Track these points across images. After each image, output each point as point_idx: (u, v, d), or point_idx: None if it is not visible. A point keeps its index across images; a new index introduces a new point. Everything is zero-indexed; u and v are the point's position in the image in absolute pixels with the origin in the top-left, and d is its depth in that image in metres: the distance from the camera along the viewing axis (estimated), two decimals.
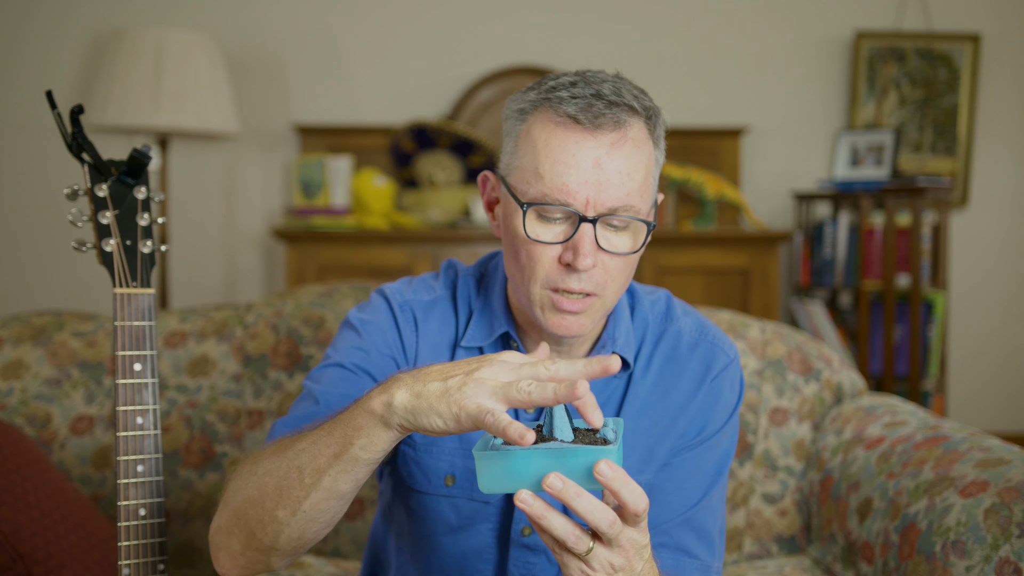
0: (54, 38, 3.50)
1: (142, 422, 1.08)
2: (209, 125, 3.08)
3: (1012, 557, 1.17)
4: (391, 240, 3.17)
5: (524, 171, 1.01)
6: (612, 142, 0.99)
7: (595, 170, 0.98)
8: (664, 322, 1.18)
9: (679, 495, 1.12)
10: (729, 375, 1.17)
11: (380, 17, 3.61)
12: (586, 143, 0.98)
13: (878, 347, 3.37)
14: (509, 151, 1.05)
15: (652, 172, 1.04)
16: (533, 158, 1.00)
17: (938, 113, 3.70)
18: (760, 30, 3.70)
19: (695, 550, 1.11)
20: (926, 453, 1.44)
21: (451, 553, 1.15)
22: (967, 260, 3.78)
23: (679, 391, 1.14)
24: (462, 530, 1.14)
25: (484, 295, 1.17)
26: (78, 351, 1.70)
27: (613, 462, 0.77)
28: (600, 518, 0.77)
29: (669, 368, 1.15)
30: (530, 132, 1.02)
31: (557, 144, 0.99)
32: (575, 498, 0.76)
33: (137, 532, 1.07)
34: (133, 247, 1.10)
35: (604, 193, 0.98)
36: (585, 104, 0.98)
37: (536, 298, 1.03)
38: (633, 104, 1.00)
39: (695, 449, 1.13)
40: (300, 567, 1.62)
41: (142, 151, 1.09)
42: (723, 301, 3.18)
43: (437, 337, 1.15)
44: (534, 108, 1.02)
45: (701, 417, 1.14)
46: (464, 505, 1.14)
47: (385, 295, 1.17)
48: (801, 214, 3.53)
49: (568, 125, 0.99)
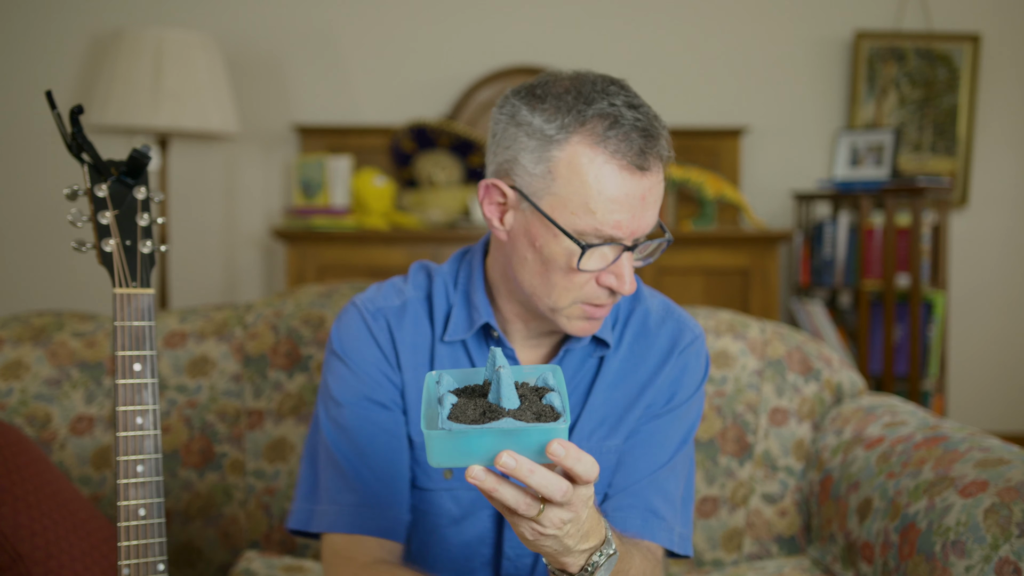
0: (54, 38, 3.50)
1: (142, 422, 1.08)
2: (209, 125, 3.07)
3: (1012, 557, 1.17)
4: (391, 240, 3.17)
5: (568, 202, 1.04)
6: (654, 182, 1.06)
7: (641, 206, 1.05)
8: (632, 300, 1.25)
9: (647, 459, 1.18)
10: (695, 350, 1.23)
11: (380, 17, 3.61)
12: (638, 184, 1.05)
13: (878, 347, 3.37)
14: (538, 173, 1.06)
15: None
16: (582, 193, 1.04)
17: (938, 113, 3.70)
18: (760, 30, 3.70)
19: (662, 511, 1.16)
20: (926, 453, 1.44)
21: (455, 543, 1.19)
22: (967, 260, 3.78)
23: (647, 364, 1.21)
24: (464, 519, 1.19)
25: (462, 290, 1.20)
26: (78, 351, 1.70)
27: (564, 440, 0.78)
28: (554, 491, 0.79)
29: (639, 343, 1.22)
30: (573, 163, 1.04)
31: (612, 185, 1.04)
32: (529, 475, 0.78)
33: (137, 532, 1.07)
34: (133, 247, 1.10)
35: (644, 222, 1.06)
36: (638, 149, 1.04)
37: (565, 310, 1.10)
38: (662, 133, 1.07)
39: (664, 417, 1.20)
40: (300, 570, 1.62)
41: (142, 151, 1.09)
42: (723, 301, 3.18)
43: (413, 338, 1.20)
44: (570, 135, 1.04)
45: (669, 387, 1.21)
46: (464, 495, 1.18)
47: (357, 306, 1.21)
48: (801, 214, 3.53)
49: (623, 166, 1.04)
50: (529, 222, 1.08)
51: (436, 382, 0.86)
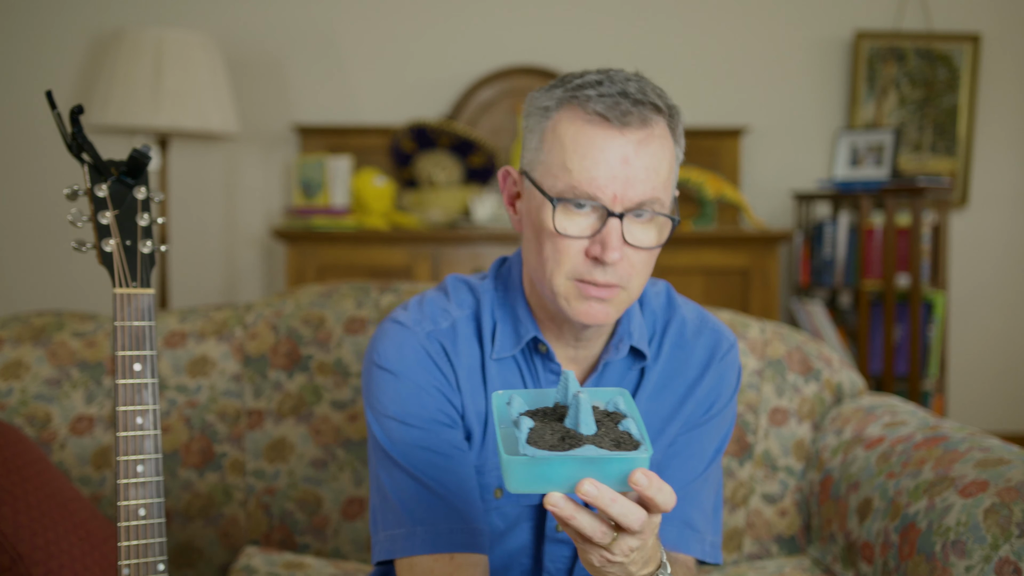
0: (54, 38, 3.50)
1: (142, 422, 1.08)
2: (209, 125, 3.07)
3: (1012, 557, 1.17)
4: (391, 240, 3.17)
5: (550, 166, 1.04)
6: (639, 140, 1.02)
7: (623, 167, 1.01)
8: (668, 311, 1.23)
9: (684, 470, 1.17)
10: (731, 358, 1.22)
11: (380, 17, 3.61)
12: (614, 140, 1.01)
13: (878, 347, 3.37)
14: (533, 147, 1.07)
15: (674, 169, 1.08)
16: (560, 153, 1.03)
17: (938, 113, 3.70)
18: (760, 30, 3.70)
19: (698, 523, 1.15)
20: (926, 453, 1.44)
21: (497, 553, 1.19)
22: (967, 260, 3.78)
23: (686, 374, 1.19)
24: (508, 532, 1.18)
25: (508, 303, 1.18)
26: (78, 351, 1.70)
27: (647, 470, 0.78)
28: (632, 520, 0.79)
29: (677, 354, 1.20)
30: (556, 128, 1.04)
31: (586, 140, 1.02)
32: (610, 504, 0.77)
33: (137, 532, 1.07)
34: (133, 247, 1.10)
35: (632, 189, 1.02)
36: (612, 102, 1.01)
37: (561, 289, 1.06)
38: (657, 102, 1.04)
39: (702, 427, 1.19)
40: (300, 567, 1.62)
41: (142, 151, 1.09)
42: (723, 301, 3.18)
43: (468, 360, 1.16)
44: (560, 105, 1.05)
45: (709, 397, 1.19)
46: (510, 511, 1.17)
47: (407, 327, 1.16)
48: (801, 214, 3.53)
49: (596, 122, 1.02)
50: (529, 199, 1.08)
51: (507, 403, 0.85)
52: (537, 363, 1.16)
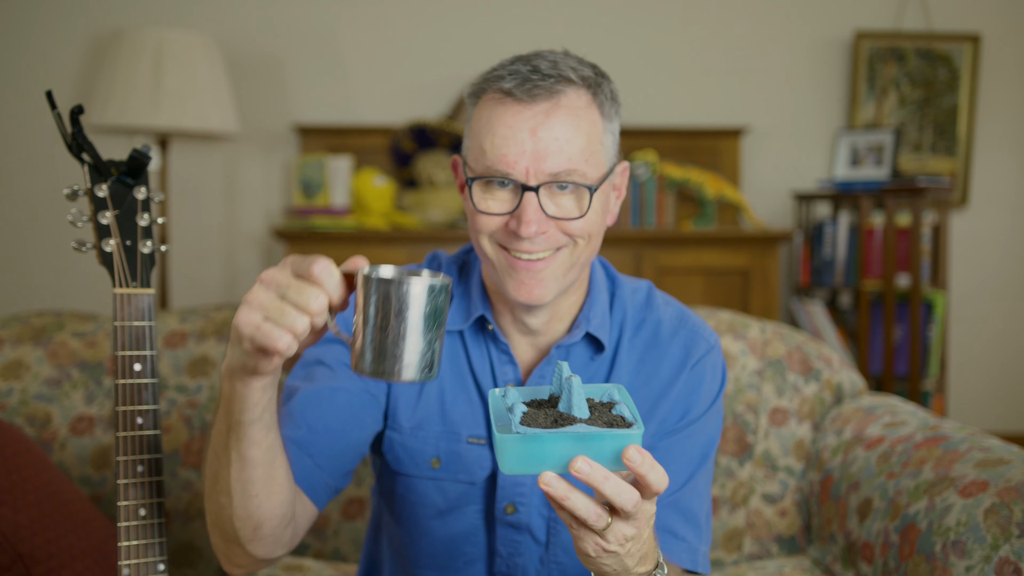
0: (54, 38, 3.50)
1: (142, 422, 1.08)
2: (209, 125, 3.07)
3: (1012, 557, 1.17)
4: (391, 240, 3.17)
5: (473, 149, 1.07)
6: (546, 111, 1.03)
7: (532, 139, 1.03)
8: (644, 310, 1.21)
9: None
10: (711, 361, 1.19)
11: (380, 17, 3.61)
12: (521, 115, 1.03)
13: (878, 347, 3.37)
14: (465, 134, 1.11)
15: (600, 139, 1.07)
16: (479, 136, 1.06)
17: (938, 113, 3.70)
18: (760, 30, 3.70)
19: (682, 532, 1.13)
20: (926, 453, 1.44)
21: (440, 537, 1.17)
22: (967, 260, 3.78)
23: (660, 377, 1.17)
24: (450, 513, 1.17)
25: (464, 281, 1.20)
26: (78, 351, 1.70)
27: (640, 447, 0.77)
28: (626, 499, 0.78)
29: (650, 355, 1.18)
30: (478, 114, 1.08)
31: (496, 119, 1.04)
32: (603, 482, 0.77)
33: (137, 532, 1.07)
34: (133, 247, 1.10)
35: (544, 161, 1.03)
36: (521, 79, 1.04)
37: (498, 267, 1.08)
38: (569, 75, 1.05)
39: (679, 433, 1.16)
40: (299, 570, 1.62)
41: (142, 151, 1.09)
42: (723, 301, 3.18)
43: None
44: (481, 92, 1.08)
45: (683, 402, 1.16)
46: (451, 487, 1.16)
47: None
48: (801, 214, 3.53)
49: (505, 101, 1.04)
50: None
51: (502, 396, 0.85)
52: (487, 343, 1.17)
